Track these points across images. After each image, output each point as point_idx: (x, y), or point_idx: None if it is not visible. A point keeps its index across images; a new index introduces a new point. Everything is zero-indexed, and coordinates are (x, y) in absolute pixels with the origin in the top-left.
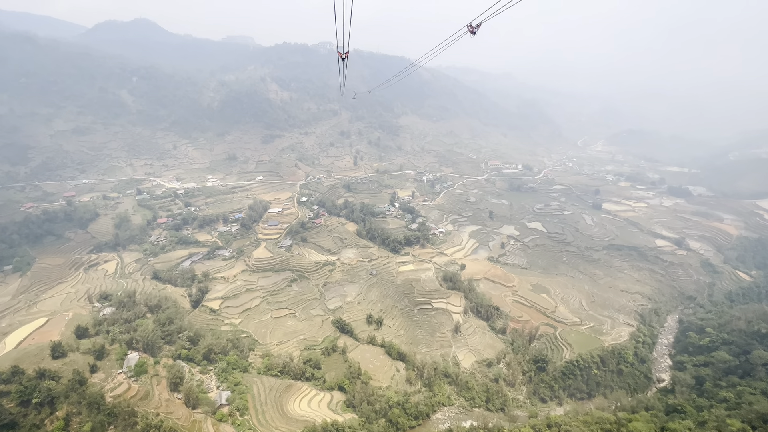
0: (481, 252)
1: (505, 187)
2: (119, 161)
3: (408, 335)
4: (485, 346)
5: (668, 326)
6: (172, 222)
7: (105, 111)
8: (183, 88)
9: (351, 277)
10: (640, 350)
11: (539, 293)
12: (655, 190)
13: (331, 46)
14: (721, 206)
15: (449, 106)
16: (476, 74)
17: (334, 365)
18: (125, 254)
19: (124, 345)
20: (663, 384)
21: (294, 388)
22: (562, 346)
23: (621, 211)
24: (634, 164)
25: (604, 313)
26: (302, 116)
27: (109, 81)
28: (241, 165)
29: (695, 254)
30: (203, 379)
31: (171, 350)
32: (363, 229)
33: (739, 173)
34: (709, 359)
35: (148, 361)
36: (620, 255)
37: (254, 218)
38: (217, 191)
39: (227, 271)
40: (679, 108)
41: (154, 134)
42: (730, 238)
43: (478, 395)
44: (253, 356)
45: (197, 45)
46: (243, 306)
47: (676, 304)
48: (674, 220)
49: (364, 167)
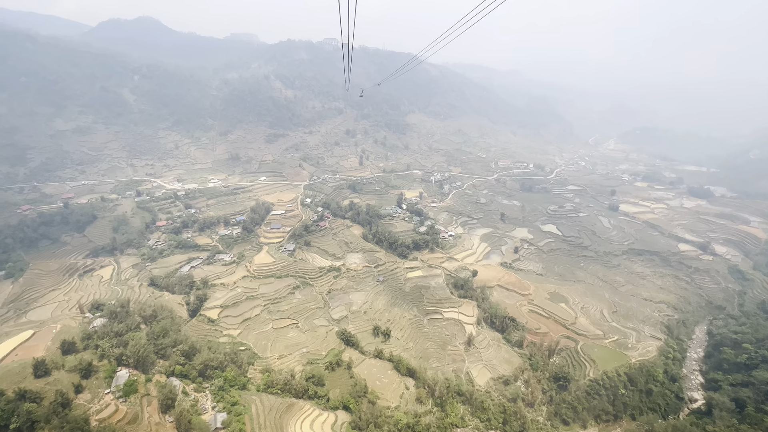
0: (494, 257)
1: (517, 188)
2: (120, 161)
3: (417, 348)
4: (501, 361)
5: (697, 339)
6: (171, 225)
7: (106, 110)
8: (186, 86)
9: (357, 284)
10: (671, 367)
11: (557, 302)
12: (674, 190)
13: (336, 42)
14: (747, 208)
15: (457, 103)
16: (483, 71)
17: (339, 381)
18: (122, 259)
19: (113, 361)
20: (696, 405)
21: (296, 408)
22: (584, 362)
23: (639, 213)
24: (649, 163)
25: (628, 324)
26: (307, 115)
27: (110, 80)
28: (244, 165)
29: (722, 259)
30: (198, 398)
31: (164, 366)
32: (369, 232)
33: (762, 172)
34: (748, 379)
35: (139, 378)
36: (641, 260)
37: (256, 221)
38: (218, 192)
39: (227, 277)
40: (691, 104)
41: (155, 134)
42: (759, 242)
43: (494, 416)
44: (253, 371)
45: (201, 43)
46: (243, 315)
47: (704, 314)
48: (697, 223)
49: (370, 167)
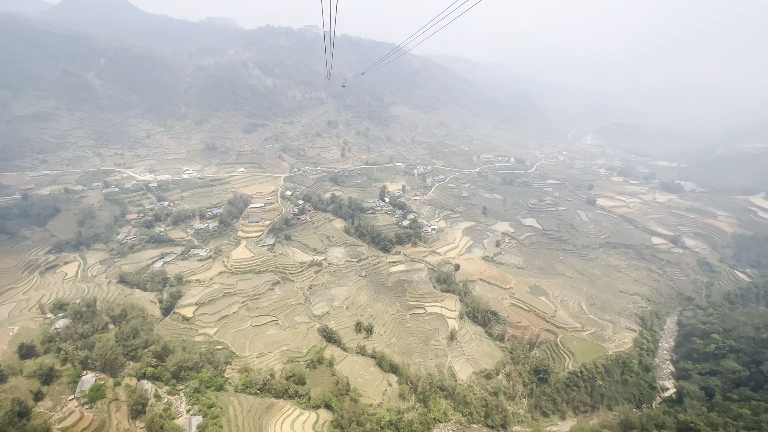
0: (476, 251)
1: (498, 181)
2: (86, 150)
3: (400, 344)
4: (483, 355)
5: (668, 329)
6: (143, 218)
7: (69, 95)
8: (157, 71)
9: (338, 279)
10: (645, 358)
11: (537, 296)
12: (648, 185)
13: (317, 30)
14: (714, 202)
15: (440, 96)
16: (466, 63)
17: (321, 379)
18: (89, 254)
19: (78, 365)
20: (668, 393)
21: (275, 408)
22: (563, 355)
23: (615, 207)
24: (624, 158)
25: (605, 317)
26: (287, 104)
27: (74, 62)
28: (221, 155)
29: (691, 252)
30: (171, 402)
31: (135, 368)
32: (351, 226)
33: (728, 168)
34: (717, 368)
35: (107, 382)
36: (617, 253)
37: (234, 214)
38: (193, 184)
39: (203, 273)
40: (663, 102)
41: (125, 121)
42: (725, 236)
43: (476, 410)
44: (230, 371)
45: (174, 26)
46: (220, 313)
47: (674, 305)
48: (669, 217)
49: (353, 159)
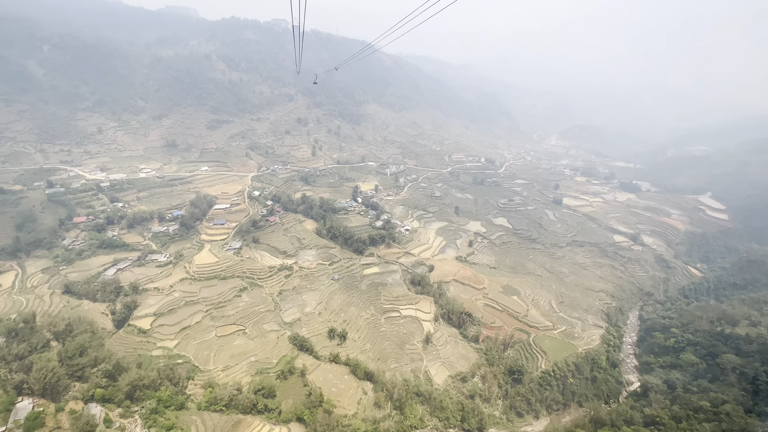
0: (449, 251)
1: (470, 181)
2: (26, 146)
3: (375, 349)
4: (458, 358)
5: (631, 324)
6: (92, 221)
7: (7, 85)
8: (110, 61)
9: (310, 284)
10: (612, 354)
11: (510, 295)
12: (609, 185)
13: (286, 24)
14: (668, 201)
15: (411, 95)
16: (437, 63)
17: (292, 391)
18: (29, 262)
19: (11, 390)
20: (632, 387)
21: (243, 425)
22: (536, 354)
23: (580, 206)
24: (586, 159)
25: (574, 314)
26: (254, 100)
27: (11, 48)
28: (183, 153)
29: (649, 249)
30: (125, 426)
31: (82, 390)
32: (323, 227)
33: (678, 169)
34: (677, 361)
35: (47, 409)
36: (583, 251)
37: (197, 216)
38: (152, 184)
39: (162, 280)
40: (618, 104)
41: (73, 115)
42: (678, 233)
43: (452, 414)
44: (193, 387)
45: (128, 13)
46: (181, 323)
47: (635, 300)
48: (628, 215)
49: (324, 158)
